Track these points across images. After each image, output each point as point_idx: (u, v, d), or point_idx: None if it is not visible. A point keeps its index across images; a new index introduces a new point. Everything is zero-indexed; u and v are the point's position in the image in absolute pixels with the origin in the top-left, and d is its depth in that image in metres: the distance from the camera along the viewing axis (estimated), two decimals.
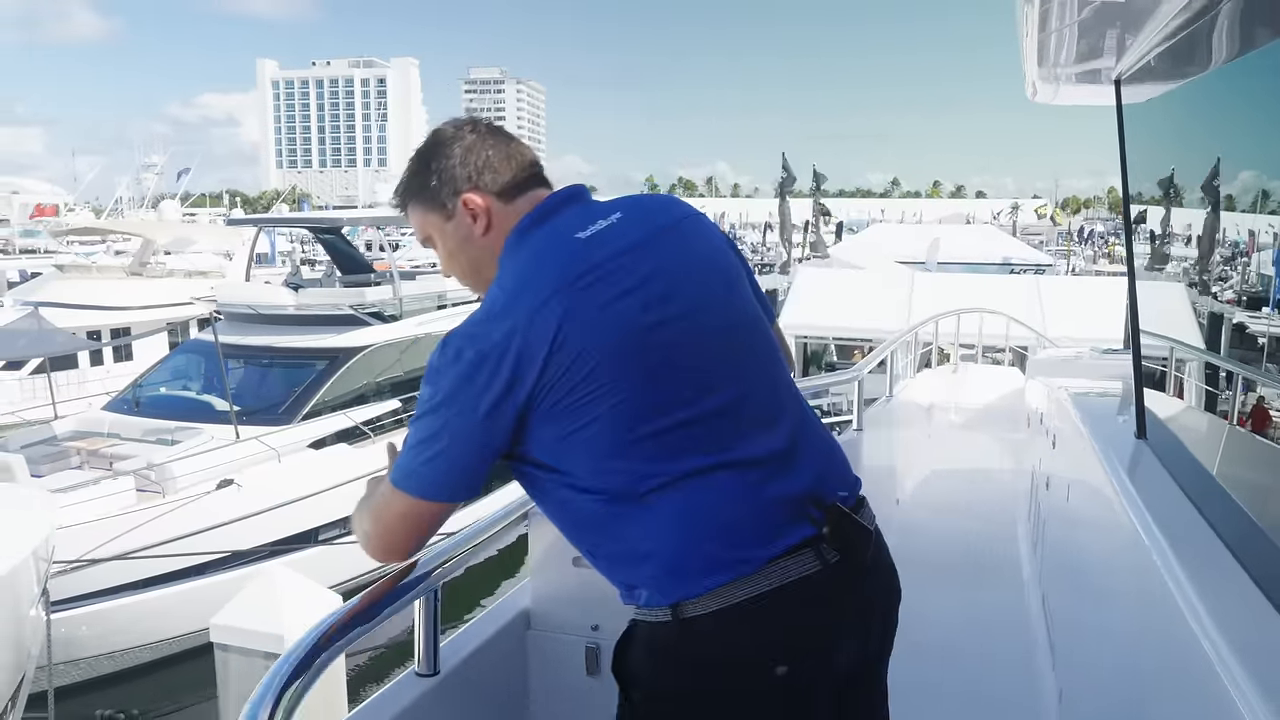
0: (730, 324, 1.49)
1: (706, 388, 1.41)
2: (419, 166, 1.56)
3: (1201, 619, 1.33)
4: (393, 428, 13.58)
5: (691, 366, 1.41)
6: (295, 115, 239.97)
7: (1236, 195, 2.04)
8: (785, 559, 1.36)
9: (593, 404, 1.35)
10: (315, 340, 13.35)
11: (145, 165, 54.37)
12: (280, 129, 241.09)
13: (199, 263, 24.36)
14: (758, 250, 54.38)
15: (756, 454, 1.41)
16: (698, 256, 1.52)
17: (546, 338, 1.34)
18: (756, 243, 58.74)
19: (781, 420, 1.47)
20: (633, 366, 1.36)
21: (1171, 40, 2.20)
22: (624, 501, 1.38)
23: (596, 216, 1.49)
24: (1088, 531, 2.75)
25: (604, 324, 1.37)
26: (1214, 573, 1.52)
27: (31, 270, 27.05)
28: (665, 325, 1.40)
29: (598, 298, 1.37)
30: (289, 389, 12.78)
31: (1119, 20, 2.35)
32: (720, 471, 1.38)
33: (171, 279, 21.69)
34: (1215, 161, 2.12)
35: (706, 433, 1.39)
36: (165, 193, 58.60)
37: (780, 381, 1.53)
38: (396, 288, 14.59)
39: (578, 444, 1.37)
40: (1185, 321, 2.60)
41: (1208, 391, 2.40)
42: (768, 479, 1.40)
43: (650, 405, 1.37)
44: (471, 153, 1.54)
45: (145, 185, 52.92)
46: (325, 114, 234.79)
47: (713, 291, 1.49)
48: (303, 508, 11.48)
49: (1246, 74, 1.79)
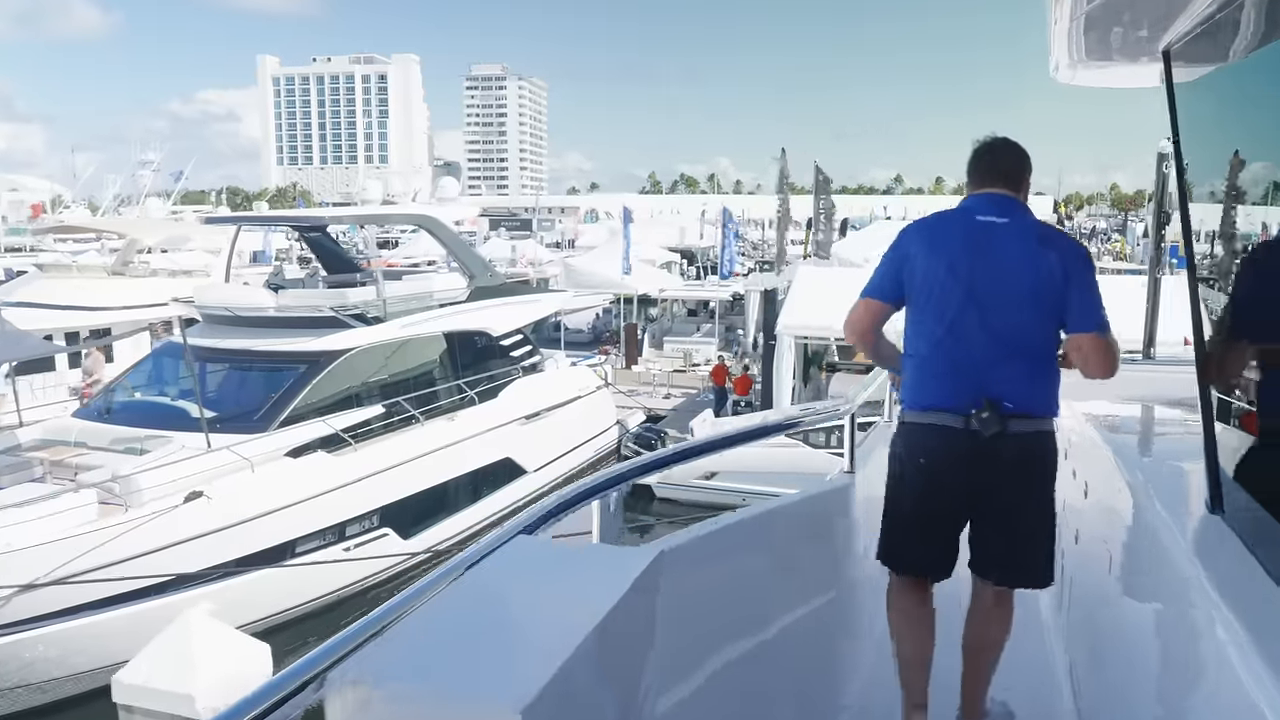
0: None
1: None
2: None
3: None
4: (381, 433, 13.10)
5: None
6: (296, 112, 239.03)
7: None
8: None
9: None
10: (295, 343, 12.83)
11: (142, 162, 53.82)
12: (281, 125, 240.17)
13: (183, 262, 23.81)
14: (759, 247, 53.80)
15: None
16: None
17: None
18: (758, 240, 58.17)
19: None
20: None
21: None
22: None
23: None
24: (1142, 610, 2.36)
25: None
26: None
27: (17, 269, 26.56)
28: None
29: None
30: (266, 395, 12.27)
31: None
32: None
33: (155, 279, 21.15)
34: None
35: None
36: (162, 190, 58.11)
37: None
38: (380, 288, 14.08)
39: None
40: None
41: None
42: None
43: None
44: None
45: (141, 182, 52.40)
46: (326, 111, 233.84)
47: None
48: (277, 520, 11.00)
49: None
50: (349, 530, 12.22)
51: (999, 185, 2.77)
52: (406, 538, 13.15)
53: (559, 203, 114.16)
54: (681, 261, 43.69)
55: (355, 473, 12.20)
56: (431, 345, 14.84)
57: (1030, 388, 2.63)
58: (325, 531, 11.82)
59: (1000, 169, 2.79)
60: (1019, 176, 2.79)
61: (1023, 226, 2.70)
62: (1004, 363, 2.61)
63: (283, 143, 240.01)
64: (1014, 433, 2.58)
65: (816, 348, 20.76)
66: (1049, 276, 2.61)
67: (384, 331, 13.68)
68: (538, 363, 17.48)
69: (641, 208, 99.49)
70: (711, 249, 41.96)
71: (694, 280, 37.55)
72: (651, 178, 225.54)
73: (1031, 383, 2.64)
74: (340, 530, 12.08)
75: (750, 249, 54.41)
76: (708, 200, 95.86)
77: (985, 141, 2.86)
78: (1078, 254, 2.69)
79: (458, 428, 14.37)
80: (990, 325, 2.62)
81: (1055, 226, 3.08)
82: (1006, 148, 2.82)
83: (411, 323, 14.34)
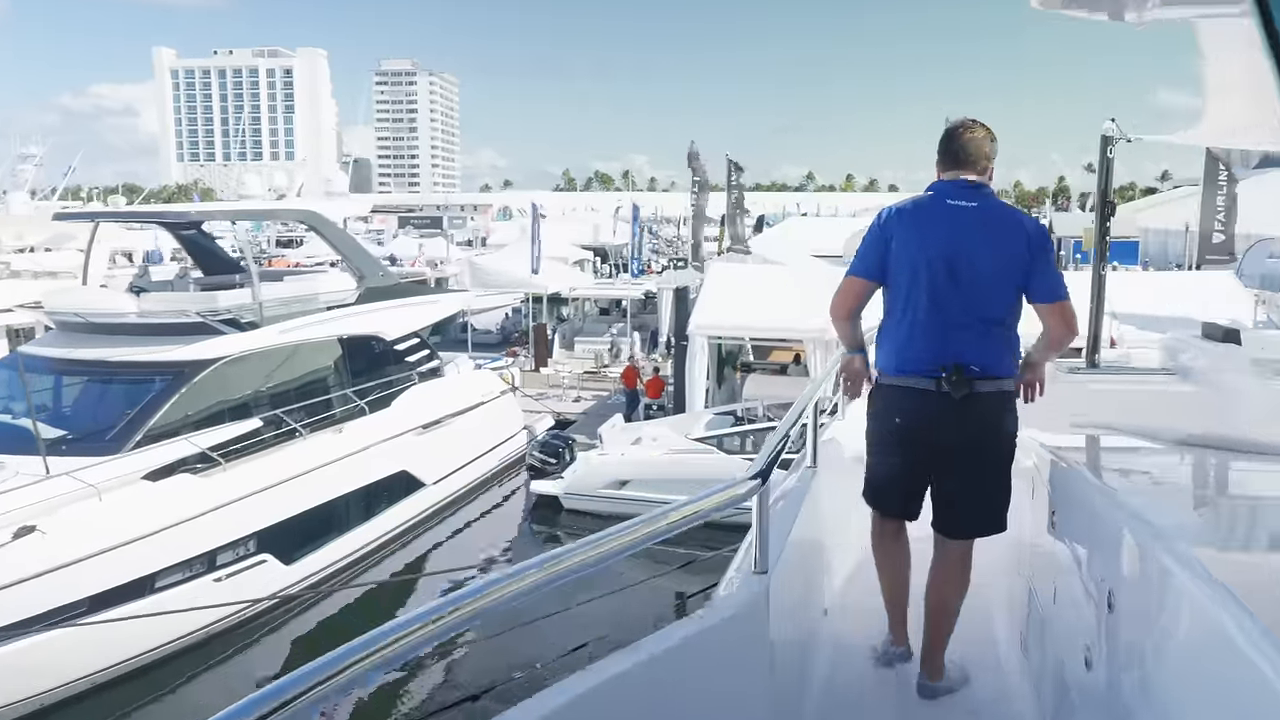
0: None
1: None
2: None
3: None
4: (257, 449, 11.93)
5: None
6: (197, 106, 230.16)
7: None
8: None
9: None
10: (157, 353, 11.58)
11: (22, 156, 50.62)
12: (181, 120, 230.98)
13: (51, 263, 21.94)
14: (673, 244, 53.36)
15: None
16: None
17: None
18: (673, 237, 57.75)
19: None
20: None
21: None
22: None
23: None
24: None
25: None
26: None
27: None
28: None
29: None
30: (122, 411, 11.00)
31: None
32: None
33: (17, 280, 19.37)
34: None
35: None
36: (46, 186, 54.73)
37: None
38: (255, 290, 12.84)
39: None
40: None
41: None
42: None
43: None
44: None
45: (22, 177, 49.21)
46: (229, 105, 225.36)
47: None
48: (130, 553, 9.80)
49: None
50: (220, 558, 11.04)
51: (965, 170, 3.15)
52: (289, 562, 12.03)
53: (472, 200, 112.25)
54: (595, 259, 42.87)
55: (226, 495, 11.04)
56: (316, 352, 13.69)
57: (994, 353, 3.05)
58: (191, 562, 10.64)
59: (965, 156, 3.15)
60: (982, 162, 3.16)
61: (988, 209, 3.09)
62: (971, 331, 3.02)
63: (182, 138, 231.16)
64: (980, 393, 3.00)
65: (731, 348, 20.15)
66: (1014, 254, 3.03)
67: (260, 338, 12.48)
68: (436, 367, 16.44)
69: (556, 205, 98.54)
70: (625, 247, 41.23)
71: (606, 279, 36.75)
72: (566, 175, 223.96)
73: (995, 348, 3.05)
74: (209, 559, 10.90)
75: (665, 246, 53.85)
76: (623, 197, 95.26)
77: (952, 127, 3.21)
78: (1039, 233, 3.11)
79: (346, 440, 13.28)
80: (961, 299, 3.01)
81: (1016, 207, 3.41)
82: (969, 138, 3.17)
83: (293, 327, 13.16)
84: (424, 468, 14.81)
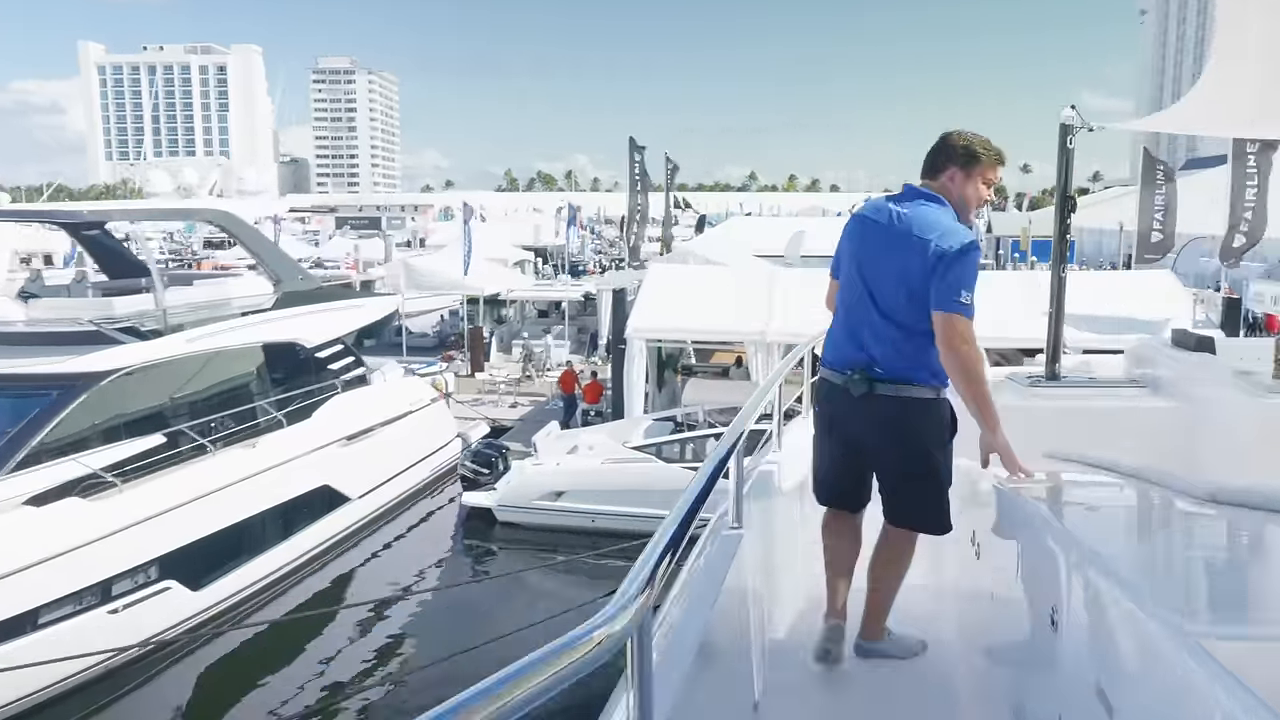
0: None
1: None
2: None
3: None
4: (160, 468, 11.05)
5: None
6: (126, 104, 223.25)
7: None
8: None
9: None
10: (44, 365, 10.64)
11: None
12: (109, 118, 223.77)
13: None
14: (615, 244, 52.75)
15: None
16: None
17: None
18: (615, 238, 57.13)
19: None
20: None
21: None
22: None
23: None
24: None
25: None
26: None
27: None
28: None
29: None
30: (2, 429, 10.06)
31: None
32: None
33: None
34: None
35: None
36: None
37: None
38: (159, 296, 11.92)
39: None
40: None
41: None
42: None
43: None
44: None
45: None
46: (160, 103, 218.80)
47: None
48: (8, 585, 8.90)
49: None
50: (116, 587, 10.16)
51: (925, 176, 3.28)
52: (197, 588, 11.17)
53: (413, 200, 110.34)
54: (536, 260, 42.08)
55: (123, 518, 10.16)
56: (229, 361, 12.80)
57: (899, 357, 3.09)
58: (82, 593, 9.74)
59: (926, 162, 3.29)
60: (936, 168, 3.25)
61: (911, 218, 3.11)
62: (881, 334, 3.10)
63: (111, 136, 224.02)
64: (880, 395, 3.09)
65: (671, 350, 19.63)
66: (920, 264, 3.02)
67: (163, 347, 11.57)
68: (362, 375, 15.62)
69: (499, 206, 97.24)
70: (565, 247, 40.52)
71: (545, 280, 36.00)
72: (508, 175, 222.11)
73: (900, 353, 3.09)
74: (104, 589, 10.01)
75: (607, 246, 53.22)
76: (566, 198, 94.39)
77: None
78: (947, 245, 3.01)
79: (262, 455, 12.42)
80: (875, 304, 3.12)
81: (946, 216, 3.18)
82: (937, 144, 3.28)
83: (201, 335, 12.27)
84: (348, 481, 14.01)
